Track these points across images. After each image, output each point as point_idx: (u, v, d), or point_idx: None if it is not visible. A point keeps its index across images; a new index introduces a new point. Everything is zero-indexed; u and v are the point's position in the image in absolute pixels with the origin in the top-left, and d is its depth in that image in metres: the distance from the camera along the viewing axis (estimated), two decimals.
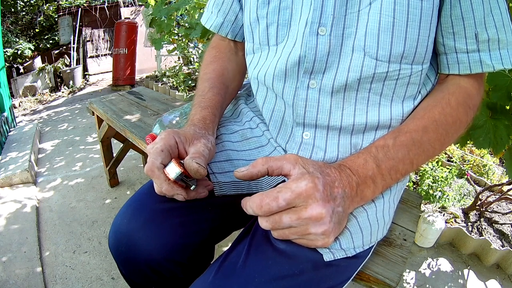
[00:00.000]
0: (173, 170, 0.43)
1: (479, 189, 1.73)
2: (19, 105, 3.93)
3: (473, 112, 0.50)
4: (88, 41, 4.95)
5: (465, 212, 1.58)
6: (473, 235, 1.41)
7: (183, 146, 0.48)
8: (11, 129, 2.68)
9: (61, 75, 4.66)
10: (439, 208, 1.60)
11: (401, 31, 0.44)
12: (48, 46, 5.70)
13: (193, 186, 0.46)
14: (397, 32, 0.44)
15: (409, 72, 0.47)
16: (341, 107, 0.50)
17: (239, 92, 0.73)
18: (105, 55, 4.99)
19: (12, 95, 3.94)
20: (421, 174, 1.72)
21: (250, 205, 0.39)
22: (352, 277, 0.53)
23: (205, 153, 0.47)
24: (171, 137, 0.47)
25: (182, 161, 0.46)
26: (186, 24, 1.81)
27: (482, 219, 1.52)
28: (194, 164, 0.44)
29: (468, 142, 0.89)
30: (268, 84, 0.56)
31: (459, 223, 1.52)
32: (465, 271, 1.35)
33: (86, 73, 4.80)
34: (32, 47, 5.41)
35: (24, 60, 5.24)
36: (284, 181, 0.54)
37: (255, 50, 0.59)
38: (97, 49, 4.96)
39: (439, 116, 0.47)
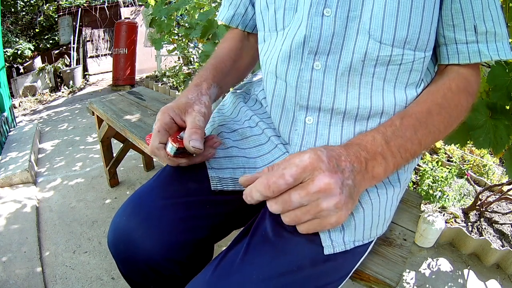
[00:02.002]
0: (170, 148, 0.49)
1: (479, 189, 1.73)
2: (19, 105, 3.93)
3: (472, 99, 0.52)
4: (88, 41, 4.94)
5: (465, 212, 1.58)
6: (473, 235, 1.41)
7: (180, 118, 0.52)
8: (11, 129, 2.68)
9: (61, 75, 4.66)
10: (439, 208, 1.60)
11: (405, 16, 0.46)
12: (48, 46, 5.69)
13: (195, 154, 0.52)
14: (401, 17, 0.46)
15: (411, 58, 0.48)
16: (346, 90, 0.50)
17: (238, 91, 0.73)
18: (105, 55, 4.99)
19: (12, 95, 3.94)
20: (421, 174, 1.72)
21: (257, 188, 0.38)
22: (350, 274, 0.54)
23: (201, 121, 0.51)
24: (165, 116, 0.51)
25: (179, 136, 0.51)
26: (186, 24, 1.81)
27: (482, 219, 1.52)
28: (191, 148, 0.48)
29: (468, 142, 0.88)
30: (272, 68, 0.56)
31: (459, 223, 1.52)
32: (465, 271, 1.35)
33: (86, 73, 4.80)
34: (32, 47, 5.40)
35: (24, 60, 5.23)
36: None
37: (265, 38, 0.60)
38: (97, 49, 4.96)
39: (441, 100, 0.49)
